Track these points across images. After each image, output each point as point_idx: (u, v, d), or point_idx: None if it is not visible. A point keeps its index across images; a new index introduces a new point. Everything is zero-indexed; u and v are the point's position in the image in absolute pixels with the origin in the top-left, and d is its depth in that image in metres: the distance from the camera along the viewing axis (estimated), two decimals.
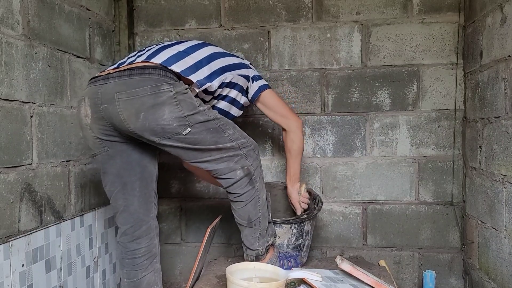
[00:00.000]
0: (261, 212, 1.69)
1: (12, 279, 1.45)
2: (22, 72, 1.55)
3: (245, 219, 1.68)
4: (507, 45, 1.70)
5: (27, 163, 1.58)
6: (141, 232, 1.64)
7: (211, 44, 1.76)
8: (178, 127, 1.45)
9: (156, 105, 1.42)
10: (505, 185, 1.72)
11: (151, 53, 1.57)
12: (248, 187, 1.62)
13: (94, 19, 2.08)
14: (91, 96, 1.51)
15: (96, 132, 1.55)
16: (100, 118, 1.51)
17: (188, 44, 1.67)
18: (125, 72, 1.48)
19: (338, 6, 2.27)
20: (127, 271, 1.65)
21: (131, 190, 1.61)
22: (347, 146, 2.30)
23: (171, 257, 2.47)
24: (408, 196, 2.27)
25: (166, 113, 1.43)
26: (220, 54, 1.71)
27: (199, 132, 1.49)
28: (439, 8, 2.20)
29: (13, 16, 1.52)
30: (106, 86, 1.48)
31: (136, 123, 1.45)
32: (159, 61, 1.50)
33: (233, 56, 1.79)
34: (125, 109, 1.44)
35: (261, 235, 1.72)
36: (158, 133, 1.45)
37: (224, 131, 1.55)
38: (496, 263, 1.82)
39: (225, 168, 1.58)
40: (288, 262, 1.86)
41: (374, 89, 2.27)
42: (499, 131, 1.78)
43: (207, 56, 1.64)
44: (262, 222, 1.71)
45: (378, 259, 2.23)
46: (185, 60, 1.56)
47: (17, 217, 1.51)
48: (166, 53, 1.56)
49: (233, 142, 1.57)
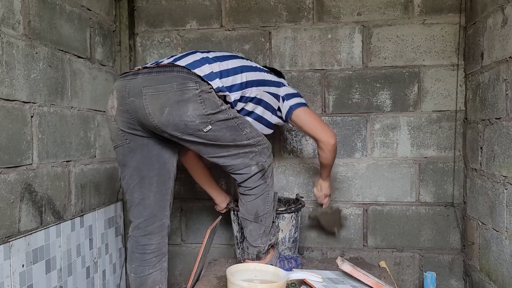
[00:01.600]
0: (268, 209, 1.73)
1: (12, 279, 1.45)
2: (22, 72, 1.55)
3: (252, 214, 1.71)
4: (508, 47, 1.70)
5: (28, 163, 1.58)
6: (153, 228, 1.67)
7: (243, 58, 1.81)
8: (200, 124, 1.50)
9: (181, 101, 1.48)
10: (506, 187, 1.72)
11: (179, 56, 1.63)
12: (260, 181, 1.67)
13: (95, 19, 2.08)
14: (120, 89, 1.57)
15: (120, 124, 1.59)
16: (126, 111, 1.56)
17: (219, 53, 1.73)
18: (154, 69, 1.54)
19: (339, 7, 2.27)
20: (135, 266, 1.68)
21: (149, 185, 1.65)
22: (348, 147, 2.30)
23: (171, 257, 2.44)
24: (409, 197, 2.27)
25: (190, 110, 1.48)
26: (249, 68, 1.74)
27: (219, 129, 1.55)
28: (440, 9, 2.20)
29: (14, 16, 1.51)
30: (135, 81, 1.54)
31: (160, 118, 1.49)
32: (184, 63, 1.55)
33: (265, 72, 1.81)
34: (151, 104, 1.49)
35: (265, 232, 1.74)
36: (180, 128, 1.51)
37: (242, 129, 1.61)
38: (497, 265, 1.82)
39: (241, 163, 1.64)
40: (289, 263, 1.86)
41: (375, 90, 2.26)
42: (500, 132, 1.77)
43: (235, 67, 1.68)
44: (268, 219, 1.74)
45: (379, 260, 2.22)
46: (211, 66, 1.60)
47: (17, 217, 1.51)
48: (193, 57, 1.61)
49: (249, 140, 1.63)
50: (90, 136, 2.02)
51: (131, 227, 1.71)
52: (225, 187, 2.38)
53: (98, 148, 2.09)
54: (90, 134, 2.02)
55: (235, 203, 2.03)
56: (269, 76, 1.81)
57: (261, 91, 1.74)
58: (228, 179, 2.39)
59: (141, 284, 1.67)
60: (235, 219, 2.01)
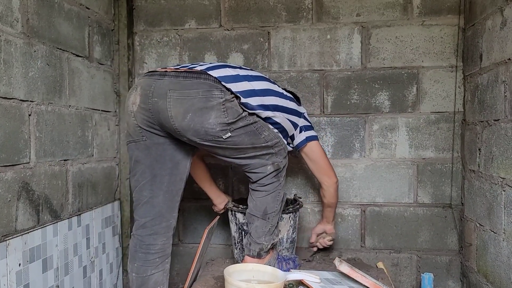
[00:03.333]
0: (277, 208, 1.72)
1: (8, 278, 1.44)
2: (20, 70, 1.55)
3: (260, 210, 1.70)
4: (507, 48, 1.70)
5: (25, 162, 1.57)
6: (160, 228, 1.66)
7: (271, 81, 1.81)
8: (220, 131, 1.52)
9: (205, 108, 1.50)
10: (504, 188, 1.72)
11: (212, 66, 1.63)
12: (273, 179, 1.68)
13: (93, 18, 2.07)
14: (145, 87, 1.57)
15: (139, 121, 1.59)
16: (147, 110, 1.56)
17: (251, 72, 1.74)
18: (182, 73, 1.55)
19: (338, 7, 2.27)
20: (137, 265, 1.66)
21: (160, 184, 1.65)
22: (346, 148, 2.30)
23: None
24: (407, 198, 2.27)
25: (212, 118, 1.50)
26: (276, 93, 1.76)
27: (238, 135, 1.57)
28: (439, 10, 2.20)
29: (12, 13, 1.51)
30: (161, 82, 1.54)
31: (182, 122, 1.50)
32: (216, 75, 1.55)
33: (289, 100, 1.83)
34: (174, 107, 1.50)
35: (270, 230, 1.74)
36: (200, 134, 1.52)
37: (261, 133, 1.62)
38: (494, 266, 1.82)
39: (257, 163, 1.65)
40: (287, 264, 1.85)
41: (374, 91, 2.27)
42: (499, 134, 1.78)
43: (264, 89, 1.69)
44: (275, 218, 1.74)
45: (376, 261, 2.23)
46: (241, 84, 1.61)
47: (14, 216, 1.50)
48: (225, 72, 1.61)
49: (268, 142, 1.64)
50: (87, 135, 2.01)
51: (135, 225, 1.69)
52: (223, 187, 2.38)
53: (96, 147, 2.08)
54: (87, 133, 2.01)
55: (233, 203, 2.03)
56: (291, 104, 1.84)
57: (283, 117, 1.76)
58: (226, 180, 2.38)
59: (142, 284, 1.65)
60: (232, 219, 2.00)
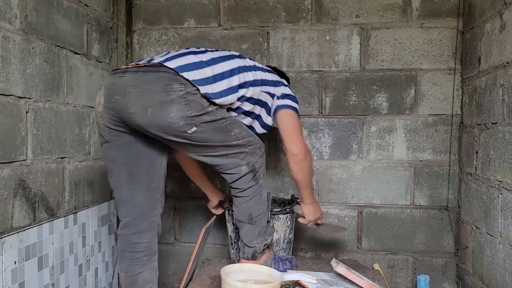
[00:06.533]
0: (262, 210, 1.71)
1: (4, 276, 1.43)
2: (18, 67, 1.54)
3: (246, 215, 1.70)
4: (505, 52, 1.70)
5: (22, 159, 1.56)
6: (143, 226, 1.64)
7: (241, 57, 1.74)
8: (184, 125, 1.48)
9: (165, 102, 1.46)
10: (501, 191, 1.73)
11: (172, 56, 1.58)
12: (252, 183, 1.65)
13: (92, 15, 2.06)
14: (107, 87, 1.56)
15: (106, 121, 1.58)
16: (111, 109, 1.54)
17: (216, 54, 1.68)
18: (141, 68, 1.52)
19: (337, 8, 2.27)
20: (125, 265, 1.65)
21: (137, 182, 1.63)
22: (344, 149, 2.30)
23: (164, 257, 2.45)
24: (404, 200, 2.27)
25: (174, 112, 1.46)
26: (247, 68, 1.70)
27: (205, 131, 1.53)
28: (438, 13, 2.21)
29: (11, 10, 1.50)
30: (122, 79, 1.52)
31: (143, 118, 1.48)
32: (174, 65, 1.51)
33: (265, 72, 1.78)
34: (134, 103, 1.48)
35: (260, 233, 1.73)
36: (164, 129, 1.49)
37: (230, 130, 1.58)
38: (490, 269, 1.82)
39: (231, 163, 1.62)
40: (283, 265, 1.85)
41: (372, 92, 2.27)
42: (496, 137, 1.78)
43: (232, 69, 1.63)
44: (262, 219, 1.72)
45: (372, 263, 2.23)
46: (203, 71, 1.56)
47: (10, 213, 1.49)
48: (186, 59, 1.56)
49: (239, 140, 1.60)
50: (85, 133, 2.00)
51: (120, 225, 1.67)
52: (220, 186, 2.37)
53: (93, 145, 2.07)
54: (85, 131, 2.00)
55: (230, 203, 2.02)
56: (268, 75, 1.78)
57: (258, 91, 1.71)
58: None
59: (131, 283, 1.64)
60: (229, 219, 2.00)
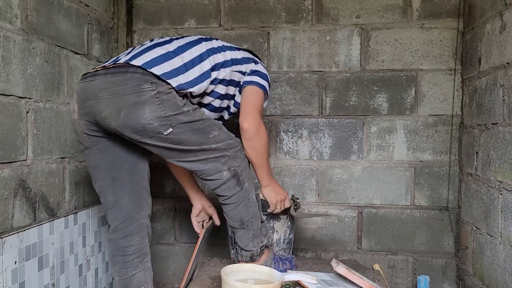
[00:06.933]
0: (253, 213, 1.68)
1: (4, 276, 1.43)
2: (19, 67, 1.54)
3: (237, 221, 1.68)
4: (506, 52, 1.70)
5: (22, 159, 1.56)
6: (132, 229, 1.62)
7: (209, 39, 1.71)
8: (159, 126, 1.44)
9: (137, 103, 1.43)
10: (501, 192, 1.73)
11: (137, 52, 1.54)
12: (236, 189, 1.61)
13: (92, 15, 2.07)
14: (79, 93, 1.54)
15: (83, 128, 1.56)
16: (86, 114, 1.53)
17: (182, 41, 1.63)
18: (110, 70, 1.48)
19: (338, 9, 2.27)
20: (117, 269, 1.64)
21: (121, 186, 1.61)
22: (344, 149, 2.30)
23: (164, 257, 2.45)
24: (404, 200, 2.27)
25: (147, 112, 1.42)
26: (216, 50, 1.65)
27: (183, 132, 1.48)
28: (439, 13, 2.21)
29: (11, 10, 1.50)
30: (92, 83, 1.49)
31: (117, 121, 1.45)
32: (141, 62, 1.47)
33: (235, 50, 1.73)
34: (107, 107, 1.45)
35: (254, 235, 1.71)
36: (139, 131, 1.45)
37: (209, 132, 1.53)
38: (490, 270, 1.82)
39: (212, 169, 1.57)
40: (283, 265, 1.85)
41: (372, 93, 2.27)
42: (496, 137, 1.78)
43: (199, 55, 1.59)
44: (254, 222, 1.70)
45: (373, 263, 2.22)
46: (173, 61, 1.52)
47: (10, 213, 1.49)
48: (153, 53, 1.52)
49: (219, 143, 1.55)
50: None
51: (109, 230, 1.66)
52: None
53: None
54: None
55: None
56: (237, 53, 1.72)
57: (229, 71, 1.65)
58: None
59: (125, 286, 1.63)
60: None
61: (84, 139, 1.59)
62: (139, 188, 1.64)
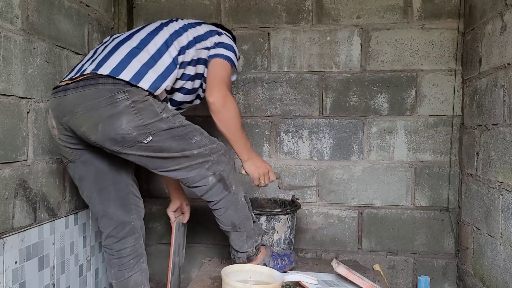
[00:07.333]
0: (244, 215, 1.68)
1: (4, 276, 1.43)
2: (20, 67, 1.54)
3: (228, 225, 1.67)
4: (506, 53, 1.70)
5: (23, 159, 1.56)
6: (125, 233, 1.64)
7: (169, 22, 1.66)
8: (138, 135, 1.42)
9: (113, 115, 1.40)
10: (502, 192, 1.73)
11: (102, 57, 1.50)
12: (224, 193, 1.60)
13: (93, 15, 2.07)
14: (54, 109, 1.51)
15: (65, 142, 1.55)
16: (65, 129, 1.51)
17: (143, 33, 1.59)
18: (80, 83, 1.45)
19: (338, 9, 2.27)
20: (114, 272, 1.65)
21: (107, 195, 1.62)
22: (344, 150, 2.30)
23: (164, 257, 2.45)
24: (404, 201, 2.27)
25: (124, 123, 1.40)
26: (178, 33, 1.61)
27: (163, 140, 1.45)
28: (439, 14, 2.21)
29: (12, 10, 1.50)
30: (65, 99, 1.46)
31: (96, 135, 1.43)
32: (108, 70, 1.43)
33: (193, 27, 1.67)
34: (84, 122, 1.43)
35: (248, 236, 1.70)
36: (118, 142, 1.43)
37: (190, 138, 1.51)
38: (491, 270, 1.82)
39: (196, 176, 1.55)
40: (282, 261, 1.85)
41: (373, 93, 2.27)
42: (497, 138, 1.78)
43: (164, 42, 1.55)
44: (246, 224, 1.69)
45: (373, 264, 2.22)
46: (140, 57, 1.49)
47: (11, 213, 1.49)
48: (118, 56, 1.48)
49: (201, 149, 1.52)
50: None
51: (102, 237, 1.67)
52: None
53: None
54: None
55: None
56: (199, 29, 1.67)
57: (194, 51, 1.61)
58: None
59: None
60: None
61: (67, 153, 1.58)
62: (124, 195, 1.64)
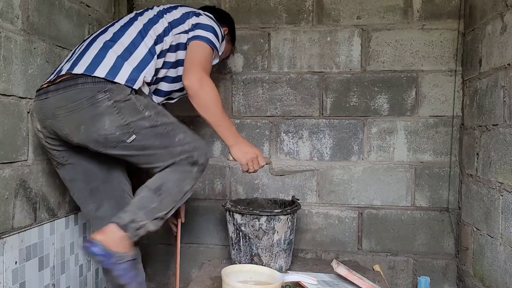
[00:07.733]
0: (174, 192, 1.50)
1: (4, 276, 1.44)
2: (20, 67, 1.54)
3: (155, 184, 1.48)
4: (507, 54, 1.70)
5: (23, 159, 1.56)
6: None
7: (144, 11, 1.65)
8: (121, 135, 1.41)
9: (95, 116, 1.39)
10: (502, 193, 1.73)
11: (77, 56, 1.49)
12: (185, 166, 1.49)
13: (93, 15, 2.07)
14: (37, 112, 1.51)
15: (51, 145, 1.55)
16: (50, 132, 1.51)
17: (117, 26, 1.58)
18: (60, 85, 1.44)
19: (338, 10, 2.27)
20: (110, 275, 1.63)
21: (99, 194, 1.61)
22: (345, 150, 2.30)
23: (165, 257, 2.45)
24: (404, 201, 2.27)
25: (107, 123, 1.39)
26: (153, 21, 1.59)
27: (147, 138, 1.44)
28: (439, 15, 2.21)
29: (13, 10, 1.50)
30: (47, 102, 1.45)
31: (79, 136, 1.43)
32: (83, 68, 1.42)
33: (170, 12, 1.64)
34: (66, 124, 1.43)
35: (152, 210, 1.46)
36: (101, 142, 1.42)
37: (174, 135, 1.49)
38: (491, 271, 1.82)
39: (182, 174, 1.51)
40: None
41: (373, 93, 2.27)
42: (497, 138, 1.78)
43: (138, 33, 1.54)
44: (164, 201, 1.48)
45: (373, 264, 2.23)
46: (114, 50, 1.47)
47: (11, 213, 1.49)
48: (92, 52, 1.47)
49: (184, 146, 1.49)
50: None
51: None
52: (220, 187, 2.37)
53: None
54: None
55: (231, 204, 2.02)
56: (175, 13, 1.64)
57: (171, 36, 1.58)
58: (224, 180, 2.38)
59: None
60: (230, 220, 2.00)
61: (55, 155, 1.57)
62: (119, 193, 1.64)
